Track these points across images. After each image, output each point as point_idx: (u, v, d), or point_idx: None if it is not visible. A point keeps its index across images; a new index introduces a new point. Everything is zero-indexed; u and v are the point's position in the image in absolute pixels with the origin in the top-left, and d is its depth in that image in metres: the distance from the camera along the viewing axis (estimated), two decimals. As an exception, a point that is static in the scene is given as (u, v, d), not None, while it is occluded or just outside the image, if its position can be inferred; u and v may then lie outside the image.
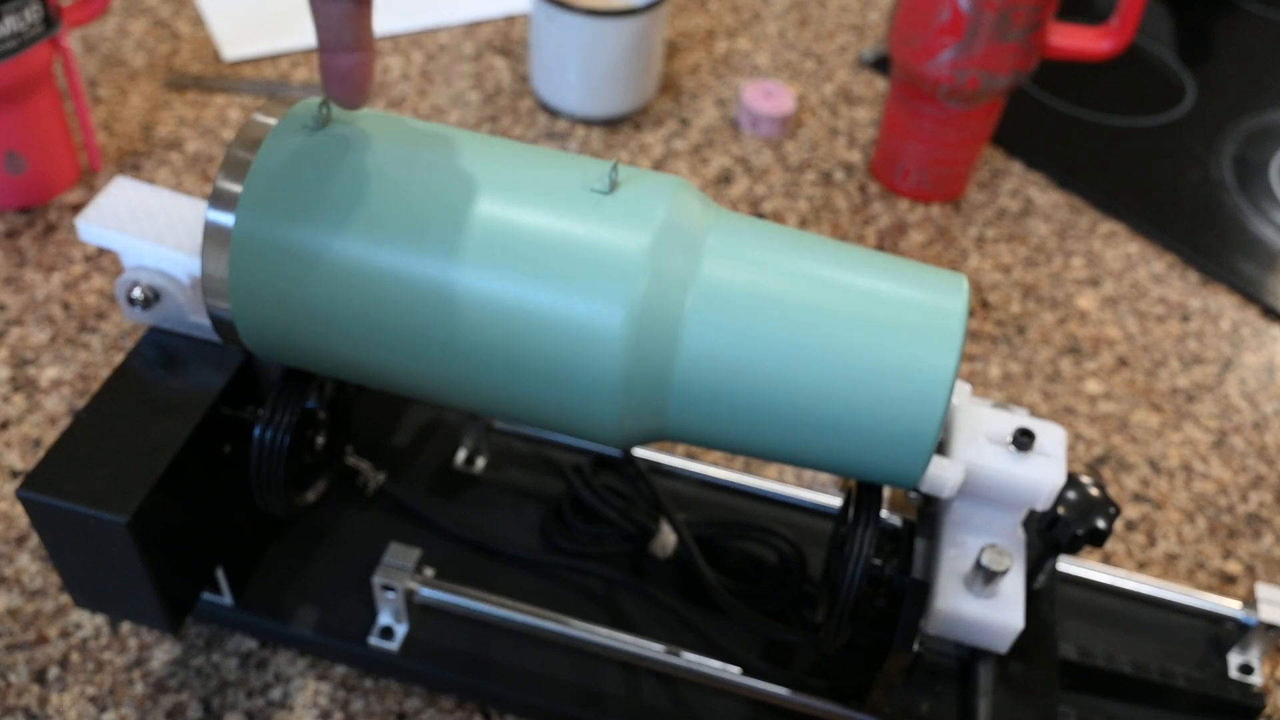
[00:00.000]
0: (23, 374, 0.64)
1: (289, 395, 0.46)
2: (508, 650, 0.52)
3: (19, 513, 0.57)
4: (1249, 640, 0.53)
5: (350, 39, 0.37)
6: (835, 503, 0.58)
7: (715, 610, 0.53)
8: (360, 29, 0.37)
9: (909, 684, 0.49)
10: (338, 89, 0.38)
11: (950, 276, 0.40)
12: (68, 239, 0.71)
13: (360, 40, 0.37)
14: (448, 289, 0.39)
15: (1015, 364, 0.70)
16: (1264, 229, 0.81)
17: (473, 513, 0.57)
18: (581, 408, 0.39)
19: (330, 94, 0.39)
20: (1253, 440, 0.67)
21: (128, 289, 0.46)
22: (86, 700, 0.51)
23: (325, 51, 0.38)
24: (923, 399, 0.38)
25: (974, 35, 0.69)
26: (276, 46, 0.87)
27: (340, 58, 0.37)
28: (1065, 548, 0.47)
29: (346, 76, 0.38)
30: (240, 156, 0.40)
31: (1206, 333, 0.73)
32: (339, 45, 0.37)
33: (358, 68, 0.38)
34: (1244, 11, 1.04)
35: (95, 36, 0.87)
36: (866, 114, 0.87)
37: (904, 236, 0.77)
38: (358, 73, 0.38)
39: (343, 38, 0.37)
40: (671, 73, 0.89)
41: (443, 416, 0.61)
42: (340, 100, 0.39)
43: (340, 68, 0.38)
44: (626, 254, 0.38)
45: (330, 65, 0.38)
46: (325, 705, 0.52)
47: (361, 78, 0.38)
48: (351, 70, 0.38)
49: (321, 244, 0.39)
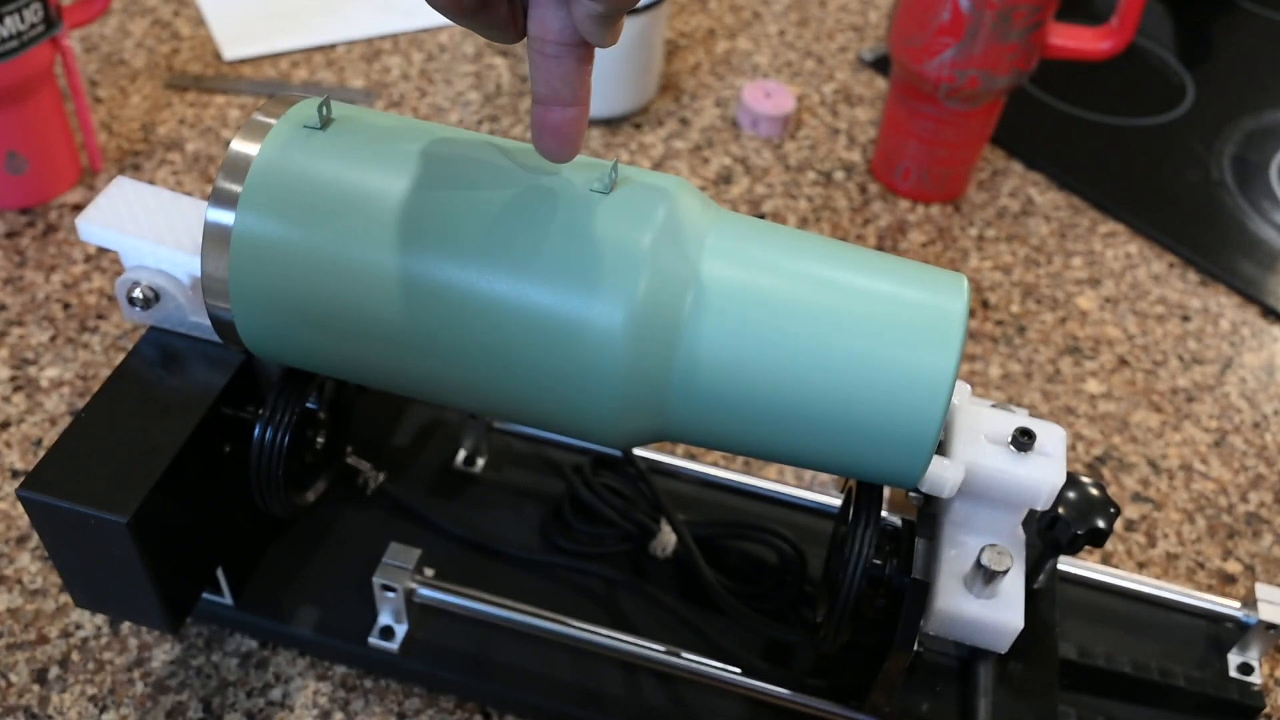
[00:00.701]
0: (23, 374, 0.64)
1: (289, 395, 0.46)
2: (508, 650, 0.52)
3: (19, 513, 0.57)
4: (1249, 640, 0.53)
5: (567, 94, 0.36)
6: (835, 503, 0.58)
7: (715, 610, 0.53)
8: (579, 85, 0.36)
9: (909, 684, 0.49)
10: (549, 142, 0.37)
11: (950, 276, 0.40)
12: (68, 239, 0.71)
13: (577, 95, 0.36)
14: (447, 289, 0.39)
15: (1015, 364, 0.70)
16: (1264, 229, 0.81)
17: (473, 513, 0.57)
18: (581, 408, 0.39)
19: (539, 146, 0.37)
20: (1253, 440, 0.67)
21: (128, 289, 0.46)
22: (86, 700, 0.51)
23: (539, 104, 0.36)
24: (923, 399, 0.38)
25: (974, 35, 0.69)
26: (276, 46, 0.87)
27: (555, 112, 0.36)
28: (1065, 548, 0.47)
29: (559, 131, 0.37)
30: (240, 156, 0.40)
31: (1206, 333, 0.73)
32: (555, 99, 0.36)
33: (572, 123, 0.37)
34: (1244, 11, 1.04)
35: (95, 36, 0.87)
36: (866, 114, 0.87)
37: (904, 236, 0.77)
38: (571, 128, 0.37)
39: (560, 92, 0.36)
40: (671, 73, 0.89)
41: (443, 416, 0.61)
42: (548, 153, 0.38)
43: (554, 121, 0.37)
44: (626, 254, 0.38)
45: (543, 118, 0.37)
46: (325, 705, 0.52)
47: (574, 133, 0.37)
48: (565, 124, 0.37)
49: (321, 244, 0.39)
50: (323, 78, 0.85)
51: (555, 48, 0.35)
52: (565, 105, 0.36)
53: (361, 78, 0.85)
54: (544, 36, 0.35)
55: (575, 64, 0.36)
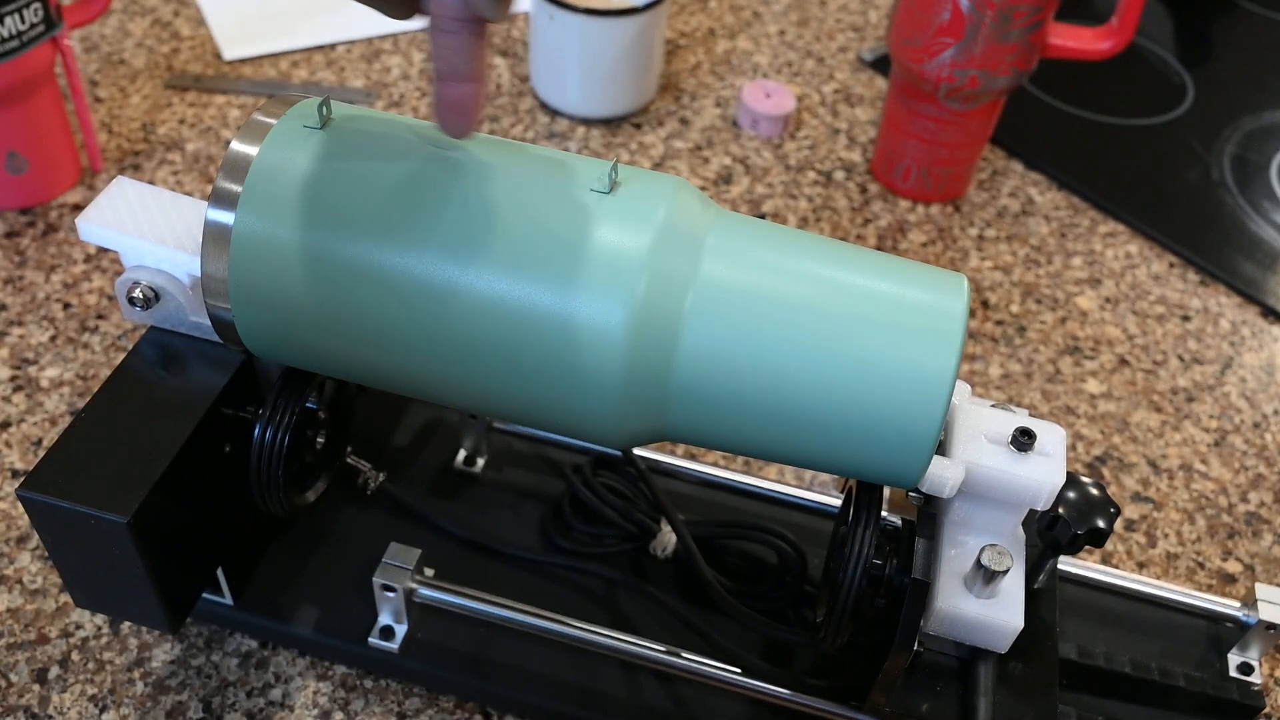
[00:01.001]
0: (23, 374, 0.64)
1: (289, 395, 0.46)
2: (508, 650, 0.52)
3: (19, 513, 0.57)
4: (1249, 640, 0.53)
5: (466, 69, 0.37)
6: (835, 503, 0.58)
7: (715, 610, 0.53)
8: (476, 59, 0.37)
9: (909, 684, 0.49)
10: (449, 117, 0.39)
11: (950, 276, 0.40)
12: (68, 239, 0.71)
13: (475, 70, 0.38)
14: (447, 288, 0.39)
15: (1015, 364, 0.70)
16: (1264, 229, 0.81)
17: (473, 513, 0.57)
18: (581, 408, 0.39)
19: (440, 122, 0.39)
20: (1253, 440, 0.67)
21: (128, 289, 0.46)
22: (87, 700, 0.51)
23: (440, 80, 0.38)
24: (923, 399, 0.38)
25: (974, 35, 0.69)
26: (276, 46, 0.87)
27: (455, 87, 0.38)
28: (1065, 548, 0.47)
29: (459, 105, 0.38)
30: (240, 156, 0.40)
31: (1206, 333, 0.73)
32: (454, 74, 0.37)
33: (470, 97, 0.38)
34: (1244, 11, 1.04)
35: (95, 36, 0.87)
36: (866, 114, 0.87)
37: (904, 236, 0.77)
38: (469, 102, 0.38)
39: (458, 68, 0.37)
40: (671, 73, 0.89)
41: (443, 416, 0.61)
42: (449, 129, 0.39)
43: (453, 97, 0.38)
44: (626, 254, 0.38)
45: (444, 94, 0.38)
46: (325, 705, 0.52)
47: (473, 107, 0.38)
48: (464, 99, 0.38)
49: (321, 244, 0.39)
50: (323, 78, 0.85)
51: (452, 23, 0.37)
52: (464, 80, 0.38)
53: (361, 78, 0.85)
54: (441, 13, 0.37)
55: (471, 39, 0.37)
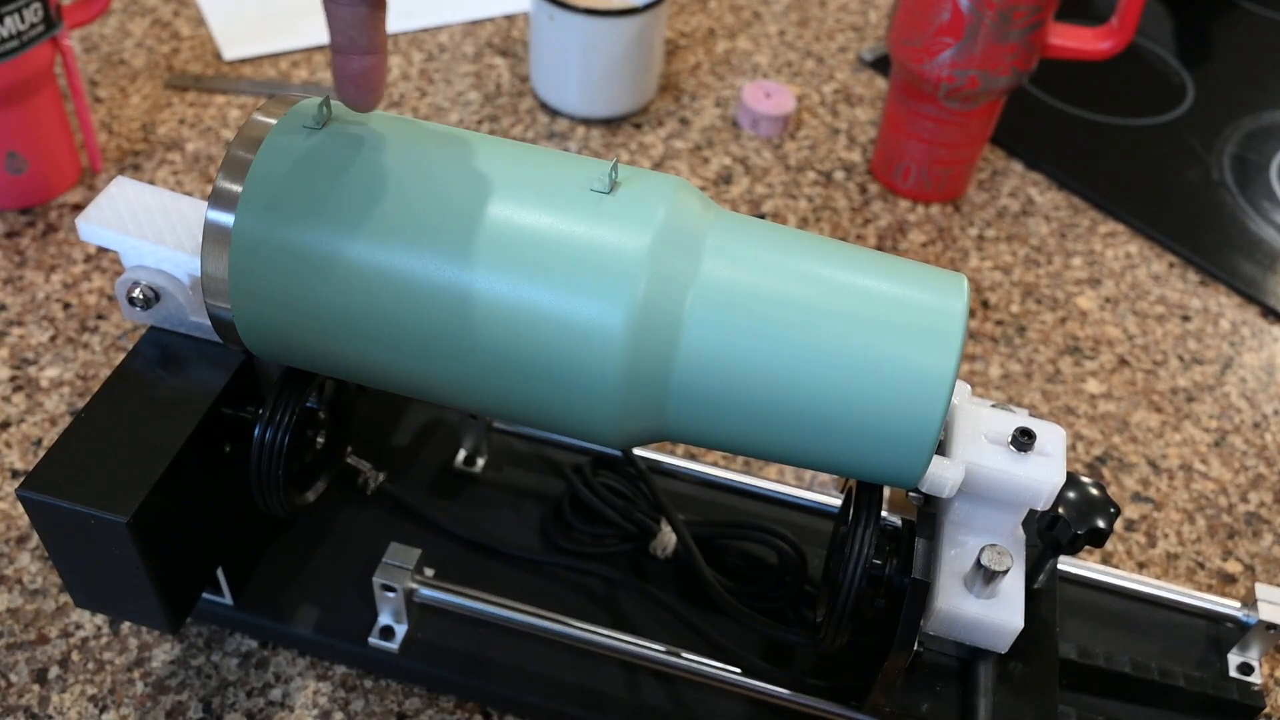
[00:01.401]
0: (23, 374, 0.64)
1: (289, 395, 0.46)
2: (508, 650, 0.52)
3: (19, 513, 0.57)
4: (1249, 640, 0.53)
5: (364, 41, 0.37)
6: (835, 503, 0.58)
7: (715, 610, 0.53)
8: (373, 31, 0.37)
9: (909, 684, 0.49)
10: (350, 91, 0.38)
11: (950, 276, 0.40)
12: (68, 239, 0.71)
13: (373, 43, 0.37)
14: (447, 288, 0.39)
15: (1015, 364, 0.70)
16: (1264, 229, 0.81)
17: (473, 513, 0.57)
18: (581, 408, 0.39)
19: (342, 96, 0.39)
20: (1253, 440, 0.67)
21: (128, 289, 0.46)
22: (87, 700, 0.51)
23: (338, 54, 0.38)
24: (923, 399, 0.38)
25: (974, 35, 0.69)
26: (276, 46, 0.87)
27: (353, 60, 0.38)
28: (1065, 548, 0.47)
29: (359, 78, 0.38)
30: (240, 156, 0.40)
31: (1206, 333, 0.73)
32: (352, 47, 0.37)
33: (370, 70, 0.38)
34: (1244, 11, 1.04)
35: (95, 36, 0.87)
36: (866, 114, 0.87)
37: (904, 236, 0.77)
38: (370, 75, 0.38)
39: (356, 40, 0.37)
40: (671, 73, 0.89)
41: (443, 416, 0.61)
42: (351, 102, 0.39)
43: (353, 70, 0.38)
44: (626, 254, 0.38)
45: (343, 67, 0.38)
46: (325, 705, 0.52)
47: (374, 80, 0.38)
48: (364, 72, 0.38)
49: (321, 244, 0.39)
50: (323, 78, 0.85)
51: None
52: (363, 53, 0.37)
53: (361, 78, 0.85)
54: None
55: (368, 11, 0.37)
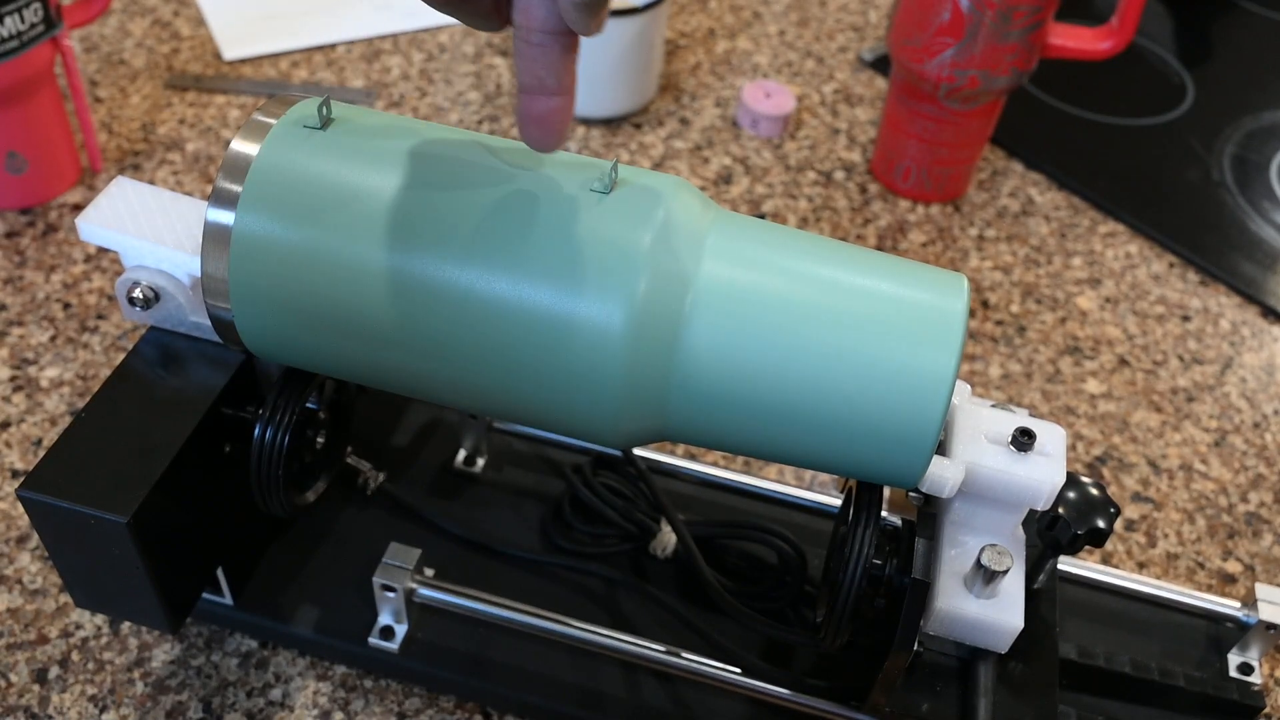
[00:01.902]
0: (23, 374, 0.64)
1: (289, 395, 0.46)
2: (508, 650, 0.52)
3: (19, 513, 0.57)
4: (1249, 640, 0.53)
5: (552, 83, 0.36)
6: (835, 503, 0.58)
7: (715, 610, 0.53)
8: (564, 73, 0.36)
9: (909, 684, 0.49)
10: (534, 131, 0.37)
11: (950, 276, 0.40)
12: (68, 239, 0.71)
13: (562, 84, 0.36)
14: (447, 288, 0.39)
15: (1015, 364, 0.70)
16: (1264, 229, 0.81)
17: (473, 513, 0.57)
18: (581, 408, 0.39)
19: (525, 136, 0.37)
20: (1253, 440, 0.67)
21: (128, 289, 0.46)
22: (87, 700, 0.51)
23: (525, 93, 0.36)
24: (923, 399, 0.38)
25: (974, 35, 0.69)
26: (276, 46, 0.87)
27: (540, 101, 0.36)
28: (1065, 548, 0.47)
29: (545, 120, 0.37)
30: (240, 156, 0.40)
31: (1206, 333, 0.73)
32: (540, 89, 0.36)
33: (557, 112, 0.37)
34: (1244, 11, 1.04)
35: (95, 36, 0.87)
36: (866, 114, 0.87)
37: (904, 236, 0.77)
38: (557, 117, 0.37)
39: (545, 82, 0.36)
40: (671, 73, 0.89)
41: (443, 416, 0.61)
42: (534, 143, 0.37)
43: (539, 111, 0.36)
44: (626, 254, 0.38)
45: (529, 108, 0.36)
46: (325, 705, 0.52)
47: (561, 122, 0.37)
48: (551, 114, 0.37)
49: (321, 244, 0.39)
50: (323, 78, 0.85)
51: (540, 36, 0.35)
52: (550, 94, 0.36)
53: (361, 78, 0.85)
54: (529, 25, 0.35)
55: (560, 53, 0.36)
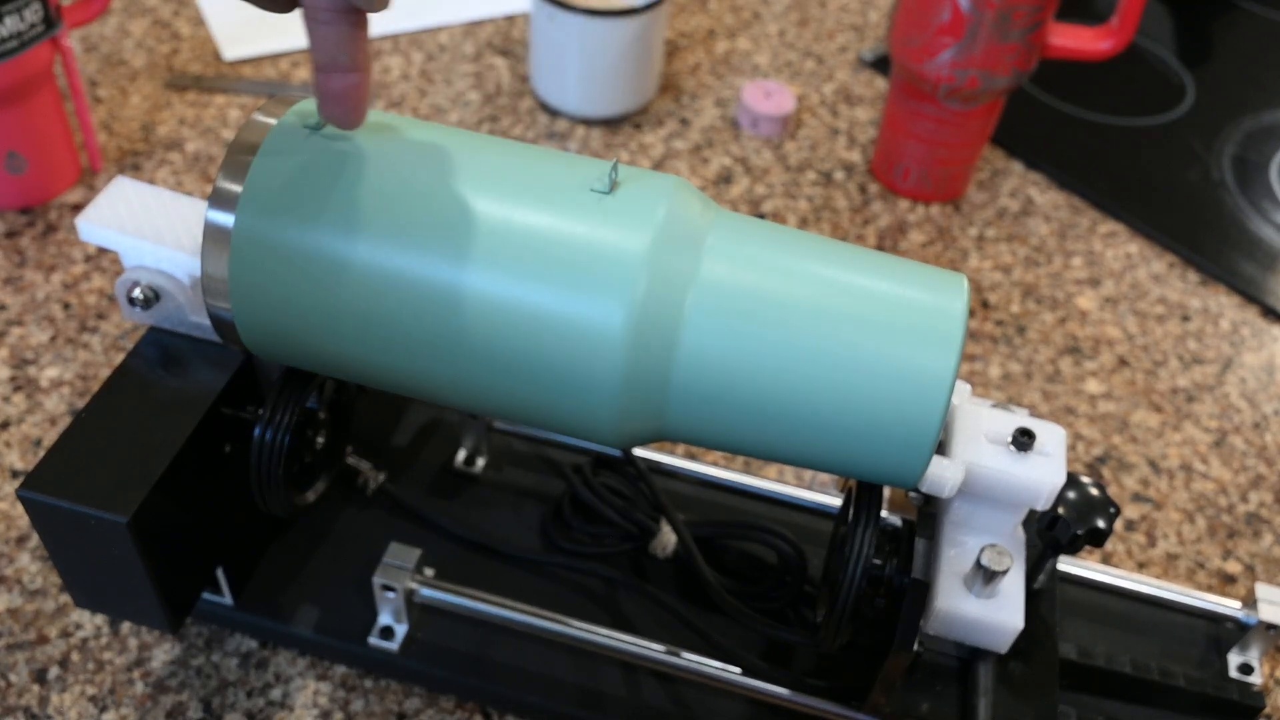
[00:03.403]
0: (23, 374, 0.64)
1: (289, 395, 0.46)
2: (508, 650, 0.52)
3: (19, 513, 0.57)
4: (1249, 640, 0.53)
5: (345, 60, 0.37)
6: (835, 503, 0.58)
7: (715, 610, 0.53)
8: (356, 50, 0.37)
9: (909, 684, 0.49)
10: (333, 109, 0.38)
11: (950, 276, 0.40)
12: (68, 239, 0.71)
13: (355, 61, 0.37)
14: (447, 289, 0.39)
15: (1015, 364, 0.70)
16: (1264, 229, 0.81)
17: (473, 513, 0.57)
18: (581, 408, 0.39)
19: (325, 114, 0.39)
20: (1253, 440, 0.67)
21: (128, 289, 0.46)
22: (86, 700, 0.51)
23: (320, 72, 0.37)
24: (923, 399, 0.38)
25: (974, 35, 0.69)
26: (276, 46, 0.87)
27: (335, 78, 0.37)
28: (1065, 548, 0.47)
29: (342, 97, 0.38)
30: (240, 156, 0.40)
31: (1206, 333, 0.73)
32: (334, 66, 0.37)
33: (353, 88, 0.38)
34: (1244, 11, 1.04)
35: (95, 36, 0.87)
36: (866, 114, 0.87)
37: (904, 236, 0.77)
38: (354, 93, 0.38)
39: (338, 59, 0.37)
40: (671, 73, 0.89)
41: (443, 416, 0.61)
42: (336, 120, 0.39)
43: (336, 88, 0.38)
44: (626, 254, 0.38)
45: (326, 86, 0.38)
46: (325, 705, 0.52)
47: (358, 98, 0.38)
48: (347, 91, 0.38)
49: (321, 244, 0.39)
50: (323, 78, 0.85)
51: (328, 14, 0.36)
52: (345, 71, 0.37)
53: (361, 78, 0.85)
54: (316, 4, 0.36)
55: (350, 29, 0.37)
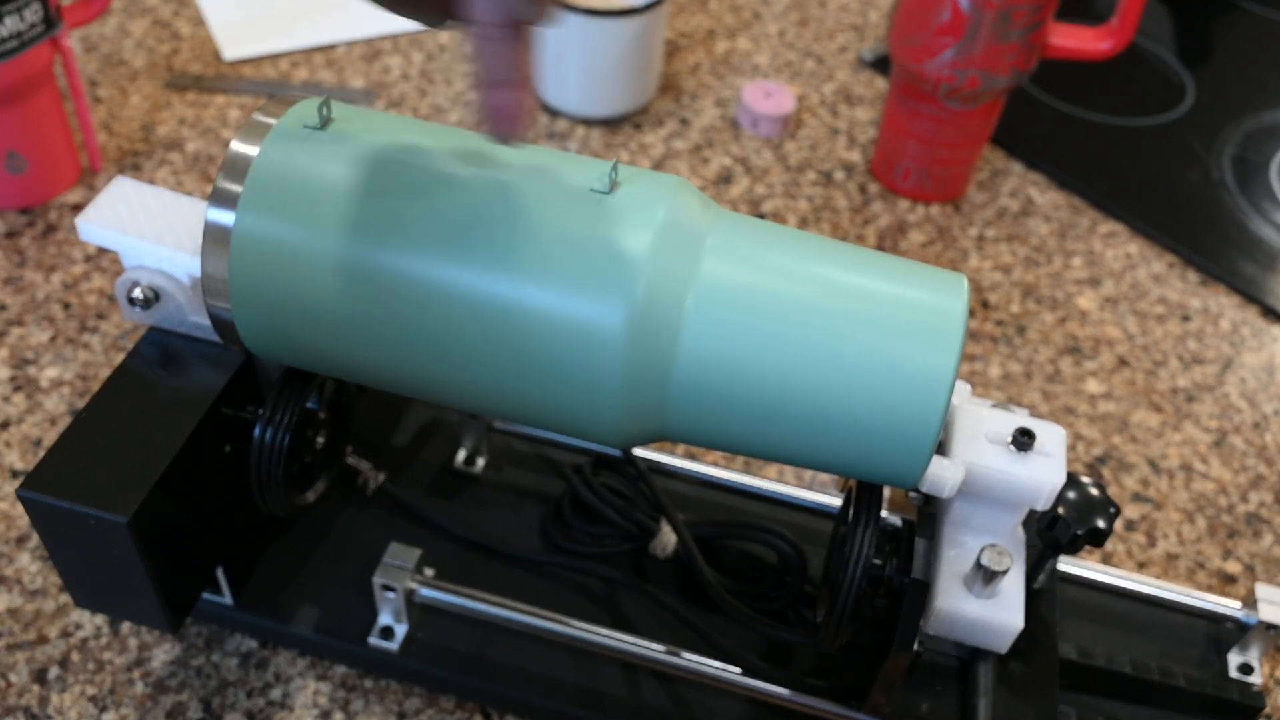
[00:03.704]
0: (23, 374, 0.64)
1: (289, 395, 0.46)
2: (508, 650, 0.52)
3: (19, 513, 0.57)
4: (1249, 640, 0.53)
5: (508, 75, 0.36)
6: (835, 503, 0.58)
7: (715, 610, 0.53)
8: (518, 65, 0.37)
9: (909, 684, 0.49)
10: (495, 124, 0.38)
11: (950, 276, 0.40)
12: (68, 239, 0.71)
13: (518, 76, 0.37)
14: (447, 288, 0.39)
15: (1015, 364, 0.70)
16: (1264, 229, 0.81)
17: (473, 513, 0.57)
18: (581, 408, 0.39)
19: (487, 129, 0.38)
20: (1253, 440, 0.67)
21: (128, 289, 0.46)
22: (86, 700, 0.51)
23: (485, 88, 0.37)
24: (923, 399, 0.38)
25: (974, 35, 0.69)
26: (276, 46, 0.87)
27: (498, 93, 0.37)
28: (1065, 548, 0.47)
29: (503, 112, 0.37)
30: (240, 156, 0.40)
31: (1206, 333, 0.73)
32: (496, 82, 0.36)
33: (516, 104, 0.37)
34: (1244, 11, 1.04)
35: (95, 36, 0.87)
36: (866, 114, 0.87)
37: (904, 236, 0.77)
38: (516, 109, 0.37)
39: (499, 74, 0.36)
40: (671, 73, 0.89)
41: (443, 416, 0.61)
42: (498, 136, 0.38)
43: (498, 104, 0.37)
44: (627, 254, 0.38)
45: (489, 101, 0.37)
46: (325, 705, 0.52)
47: (520, 113, 0.37)
48: (509, 106, 0.37)
49: (321, 244, 0.39)
50: (323, 78, 0.85)
51: (491, 29, 0.36)
52: (507, 87, 0.37)
53: (361, 78, 0.85)
54: (479, 19, 0.35)
55: (513, 45, 0.36)
